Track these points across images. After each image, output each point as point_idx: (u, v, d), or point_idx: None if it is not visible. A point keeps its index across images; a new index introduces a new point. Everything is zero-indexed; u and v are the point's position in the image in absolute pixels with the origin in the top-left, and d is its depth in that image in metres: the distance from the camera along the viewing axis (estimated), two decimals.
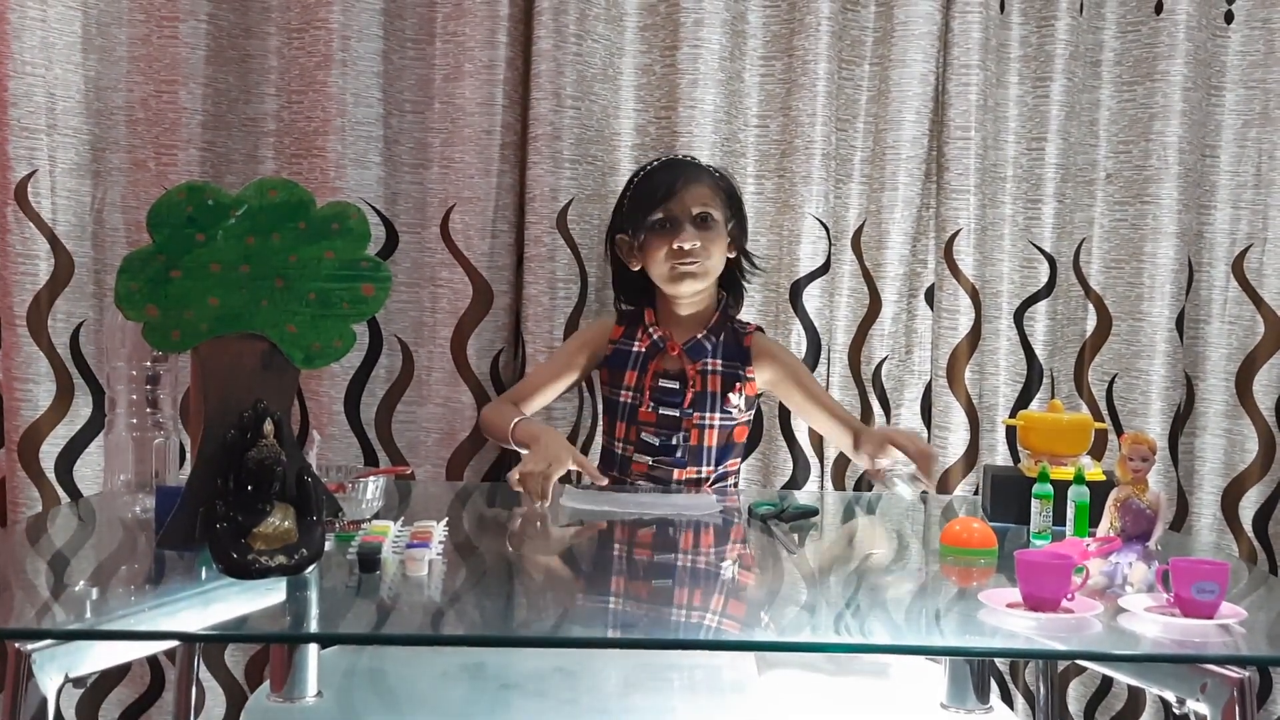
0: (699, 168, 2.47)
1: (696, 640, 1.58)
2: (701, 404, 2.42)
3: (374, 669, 2.07)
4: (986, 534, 1.87)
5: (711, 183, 2.44)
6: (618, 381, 2.46)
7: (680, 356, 2.43)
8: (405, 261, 2.69)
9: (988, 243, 2.80)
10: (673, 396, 2.42)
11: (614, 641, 1.61)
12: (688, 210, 2.38)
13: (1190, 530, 2.89)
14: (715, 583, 1.79)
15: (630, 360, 2.46)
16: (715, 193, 2.43)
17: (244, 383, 1.61)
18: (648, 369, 2.44)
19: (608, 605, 1.65)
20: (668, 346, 2.44)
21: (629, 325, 2.50)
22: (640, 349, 2.46)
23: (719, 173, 2.50)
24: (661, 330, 2.46)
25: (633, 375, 2.44)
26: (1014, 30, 2.80)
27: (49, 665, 1.48)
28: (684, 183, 2.39)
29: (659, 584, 1.77)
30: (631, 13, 2.74)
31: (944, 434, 2.80)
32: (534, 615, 1.60)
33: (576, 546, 2.02)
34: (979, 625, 1.53)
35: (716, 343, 2.46)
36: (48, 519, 2.16)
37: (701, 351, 2.44)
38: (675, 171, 2.42)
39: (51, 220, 2.52)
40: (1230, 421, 2.89)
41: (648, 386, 2.42)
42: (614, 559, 1.93)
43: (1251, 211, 2.87)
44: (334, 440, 2.61)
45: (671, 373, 2.44)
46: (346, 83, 2.60)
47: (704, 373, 2.43)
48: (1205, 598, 1.51)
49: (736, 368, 2.45)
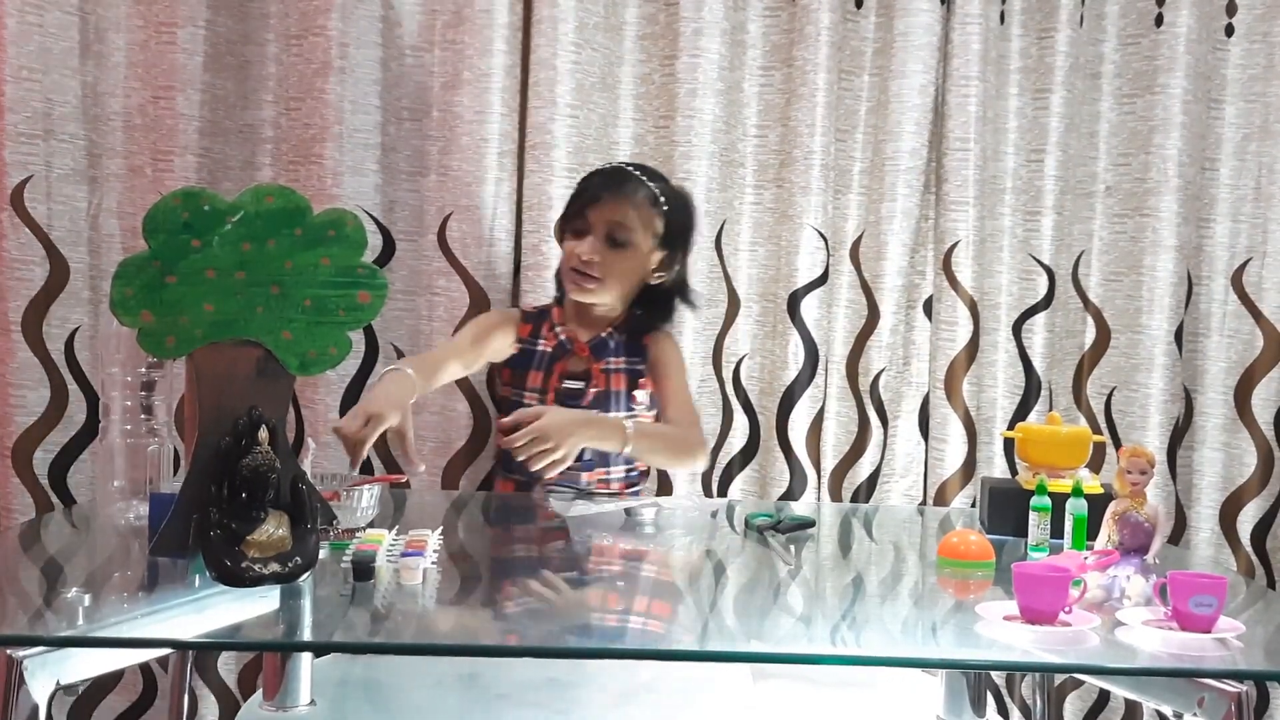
0: (640, 185, 2.37)
1: (691, 651, 1.57)
2: (605, 403, 2.39)
3: (368, 678, 2.06)
4: (984, 546, 1.86)
5: (645, 202, 2.36)
6: (521, 383, 2.42)
7: (587, 357, 2.41)
8: (402, 269, 2.68)
9: (986, 254, 2.80)
10: (577, 398, 2.39)
11: (608, 652, 1.60)
12: (603, 222, 2.34)
13: (1188, 544, 2.88)
14: (710, 594, 1.78)
15: (535, 360, 2.42)
16: (643, 214, 2.36)
17: (239, 389, 1.61)
18: (553, 370, 2.40)
19: (602, 616, 1.64)
20: (575, 347, 2.41)
21: (535, 324, 2.46)
22: (546, 348, 2.42)
23: (666, 198, 2.40)
24: (567, 331, 2.42)
25: (538, 376, 2.41)
26: (1014, 42, 2.80)
27: (41, 672, 1.47)
28: (611, 195, 2.34)
29: (654, 595, 1.76)
30: (631, 22, 2.74)
31: (942, 446, 2.79)
32: (528, 625, 1.60)
33: (570, 556, 2.01)
34: (976, 638, 1.52)
35: (620, 340, 2.43)
36: (41, 525, 2.15)
37: (605, 349, 2.42)
38: (611, 181, 2.38)
39: (47, 226, 2.52)
40: (1229, 435, 2.88)
41: (553, 388, 2.39)
42: (607, 569, 1.92)
43: (1251, 225, 2.86)
44: (328, 448, 2.59)
45: (576, 373, 2.41)
46: (344, 90, 2.60)
47: (607, 371, 2.40)
48: (1203, 611, 1.50)
49: (637, 364, 2.43)
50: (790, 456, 2.75)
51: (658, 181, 2.42)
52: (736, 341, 2.79)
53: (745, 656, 1.65)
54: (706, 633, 1.59)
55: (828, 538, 2.21)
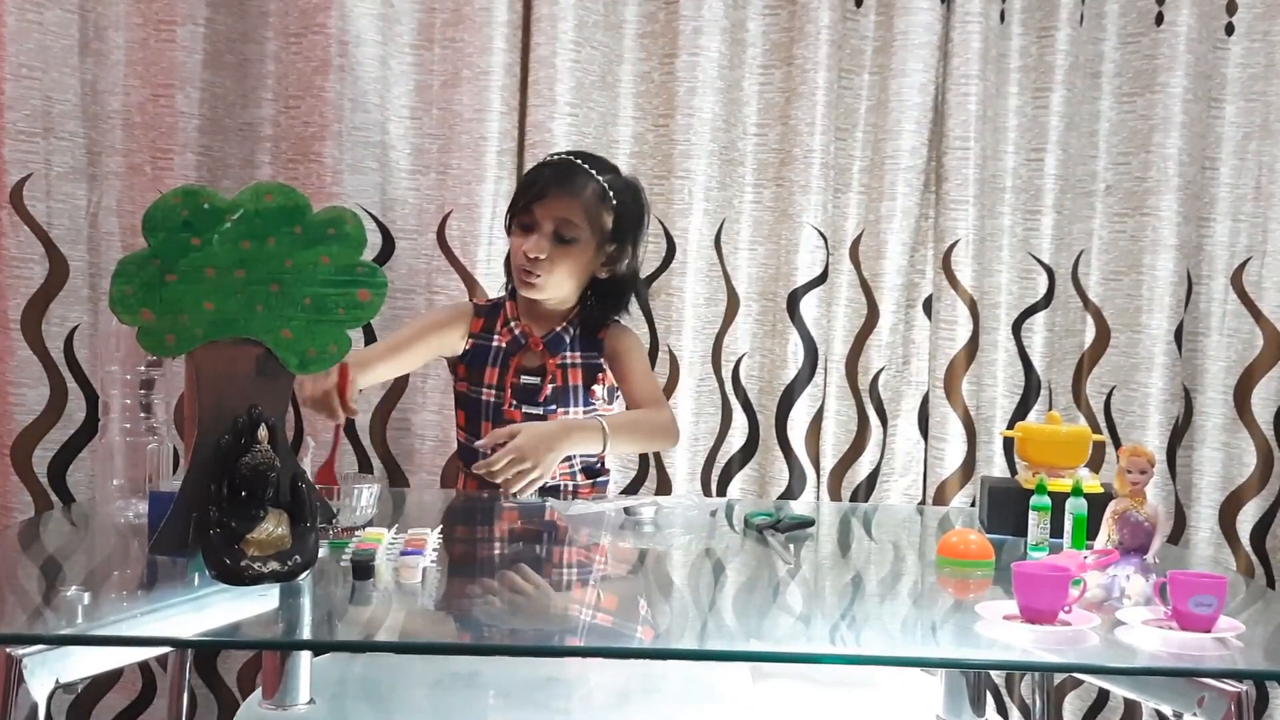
0: (586, 178, 2.30)
1: (691, 651, 1.57)
2: (563, 399, 2.34)
3: (367, 677, 2.06)
4: (983, 546, 1.86)
5: (593, 197, 2.30)
6: (478, 379, 2.36)
7: (542, 351, 2.36)
8: (401, 267, 2.68)
9: (986, 253, 2.80)
10: (533, 394, 2.34)
11: (607, 651, 1.60)
12: (550, 217, 2.27)
13: (1188, 543, 2.88)
14: (710, 593, 1.78)
15: (490, 356, 2.36)
16: (591, 209, 2.30)
17: (238, 388, 1.61)
18: (509, 365, 2.35)
19: (601, 615, 1.64)
20: (530, 342, 2.36)
21: (488, 318, 2.40)
22: (501, 344, 2.36)
23: (615, 192, 2.33)
24: (522, 325, 2.37)
25: (493, 372, 2.35)
26: (1014, 41, 2.80)
27: (40, 670, 1.47)
28: (558, 190, 2.27)
29: (653, 594, 1.76)
30: (630, 20, 2.74)
31: (941, 445, 2.79)
32: (527, 624, 1.60)
33: (570, 555, 2.01)
34: (975, 637, 1.52)
35: (575, 335, 2.38)
36: (40, 523, 2.15)
37: (560, 344, 2.36)
38: (558, 174, 2.30)
39: (47, 224, 2.52)
40: (1228, 435, 2.88)
41: (509, 384, 2.35)
42: (606, 568, 1.92)
43: (1251, 224, 2.86)
44: (329, 446, 2.59)
45: (532, 368, 2.35)
46: (344, 88, 2.60)
47: (563, 366, 2.35)
48: (1203, 611, 1.50)
49: (594, 358, 2.37)
50: (790, 455, 2.75)
51: (606, 174, 2.34)
52: (736, 340, 2.79)
53: (745, 656, 1.65)
54: (706, 632, 1.59)
55: (827, 537, 2.21)
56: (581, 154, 2.38)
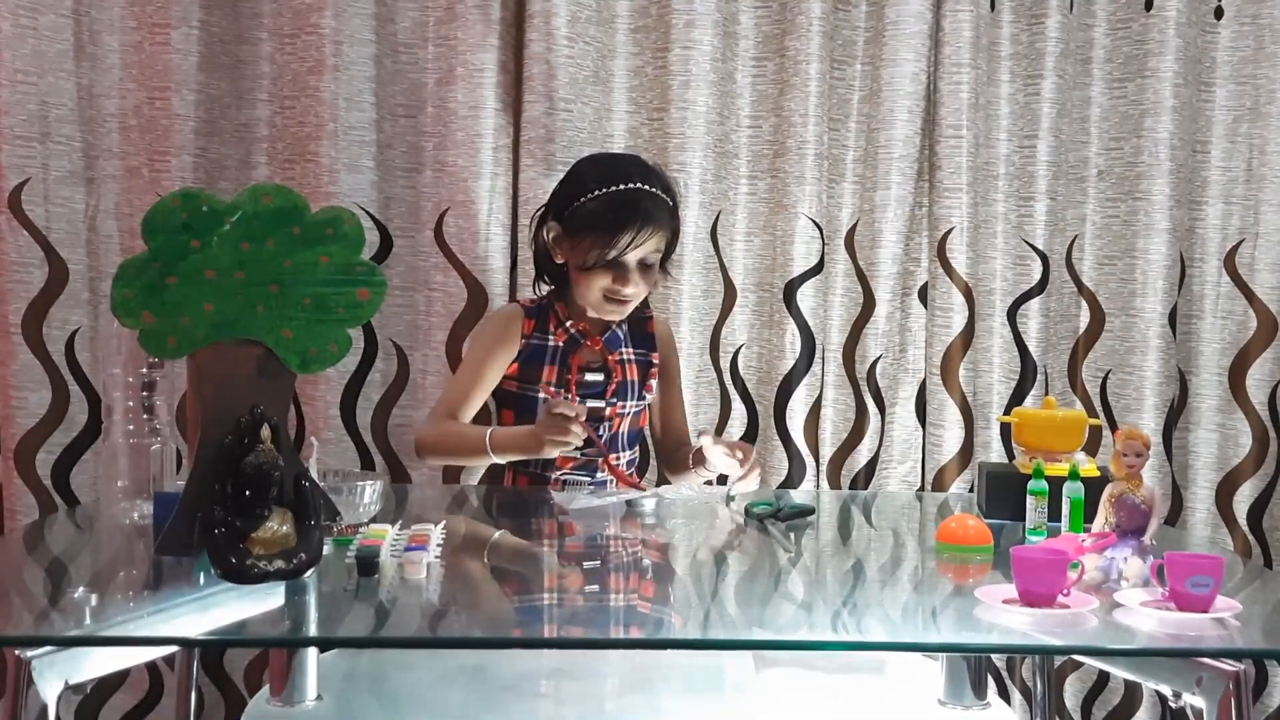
0: (661, 206, 2.33)
1: (694, 640, 1.58)
2: (623, 393, 2.41)
3: (373, 672, 2.07)
4: (982, 531, 1.88)
5: (667, 221, 2.35)
6: (533, 377, 2.39)
7: (602, 349, 2.42)
8: (399, 266, 2.69)
9: (980, 241, 2.81)
10: (596, 389, 2.40)
11: (611, 642, 1.62)
12: (639, 256, 2.32)
13: (1185, 525, 2.90)
14: (712, 583, 1.80)
15: (548, 355, 2.40)
16: (668, 232, 2.36)
17: (240, 388, 1.62)
18: (568, 364, 2.39)
19: (605, 606, 1.65)
20: (590, 341, 2.42)
21: (539, 319, 2.42)
22: (557, 343, 2.40)
23: (676, 203, 2.39)
24: (578, 324, 2.41)
25: (551, 370, 2.39)
26: (1005, 28, 2.81)
27: (48, 672, 1.49)
28: (646, 231, 2.29)
29: (656, 584, 1.78)
30: (623, 15, 2.75)
31: (939, 431, 2.80)
32: (532, 617, 1.61)
33: (573, 547, 2.03)
34: (975, 622, 1.54)
35: (626, 331, 2.46)
36: (45, 526, 2.16)
37: (617, 341, 2.44)
38: (640, 212, 2.29)
39: (45, 228, 2.53)
40: (1224, 416, 2.90)
41: (573, 381, 2.39)
42: (610, 560, 1.93)
43: (1243, 206, 2.88)
44: (330, 444, 2.61)
45: (594, 365, 2.41)
46: (339, 88, 2.61)
47: (621, 362, 2.43)
48: (1200, 592, 1.51)
49: (645, 354, 2.46)
50: (789, 445, 2.76)
51: (669, 190, 2.38)
52: (733, 331, 2.80)
53: (747, 644, 1.66)
54: (709, 621, 1.61)
55: (827, 525, 2.22)
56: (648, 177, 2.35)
